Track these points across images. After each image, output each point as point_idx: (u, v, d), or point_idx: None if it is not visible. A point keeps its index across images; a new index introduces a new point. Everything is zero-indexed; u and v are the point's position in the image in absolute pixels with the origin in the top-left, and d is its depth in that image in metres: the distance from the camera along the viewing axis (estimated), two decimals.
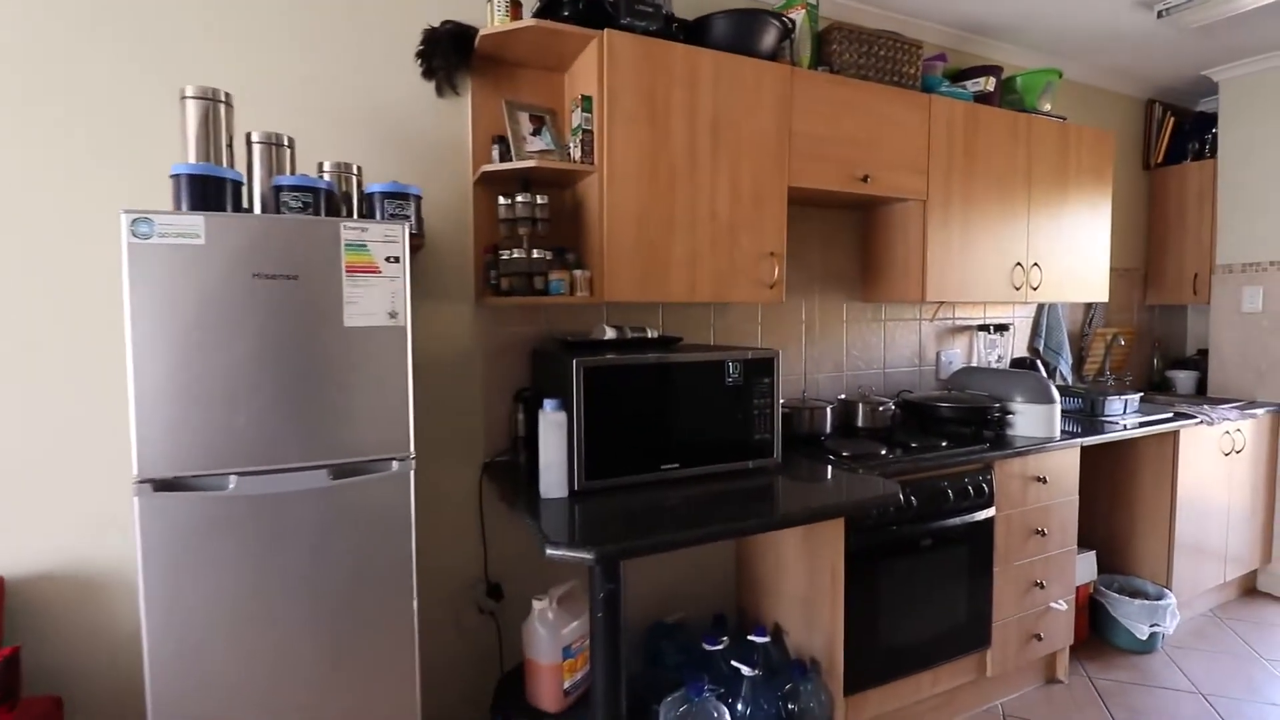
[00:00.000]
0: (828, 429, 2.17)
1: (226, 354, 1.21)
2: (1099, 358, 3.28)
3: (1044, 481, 2.17)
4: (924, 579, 1.96)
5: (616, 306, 2.12)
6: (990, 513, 2.05)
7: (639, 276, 1.78)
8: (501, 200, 1.77)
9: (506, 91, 1.91)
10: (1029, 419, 2.25)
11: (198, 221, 1.18)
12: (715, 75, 1.85)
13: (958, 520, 1.97)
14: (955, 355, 2.82)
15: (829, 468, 1.85)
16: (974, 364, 2.89)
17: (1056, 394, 2.25)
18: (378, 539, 1.33)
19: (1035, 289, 2.54)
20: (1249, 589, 3.07)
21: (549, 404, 1.55)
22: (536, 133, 1.83)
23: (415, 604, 1.38)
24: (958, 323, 2.85)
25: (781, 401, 2.24)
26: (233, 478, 1.22)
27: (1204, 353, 3.52)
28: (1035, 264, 2.53)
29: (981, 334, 2.87)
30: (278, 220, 1.24)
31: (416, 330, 1.86)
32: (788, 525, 1.44)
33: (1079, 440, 2.23)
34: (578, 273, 1.78)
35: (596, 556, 1.22)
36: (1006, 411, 2.26)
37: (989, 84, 2.43)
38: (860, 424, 2.27)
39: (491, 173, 1.77)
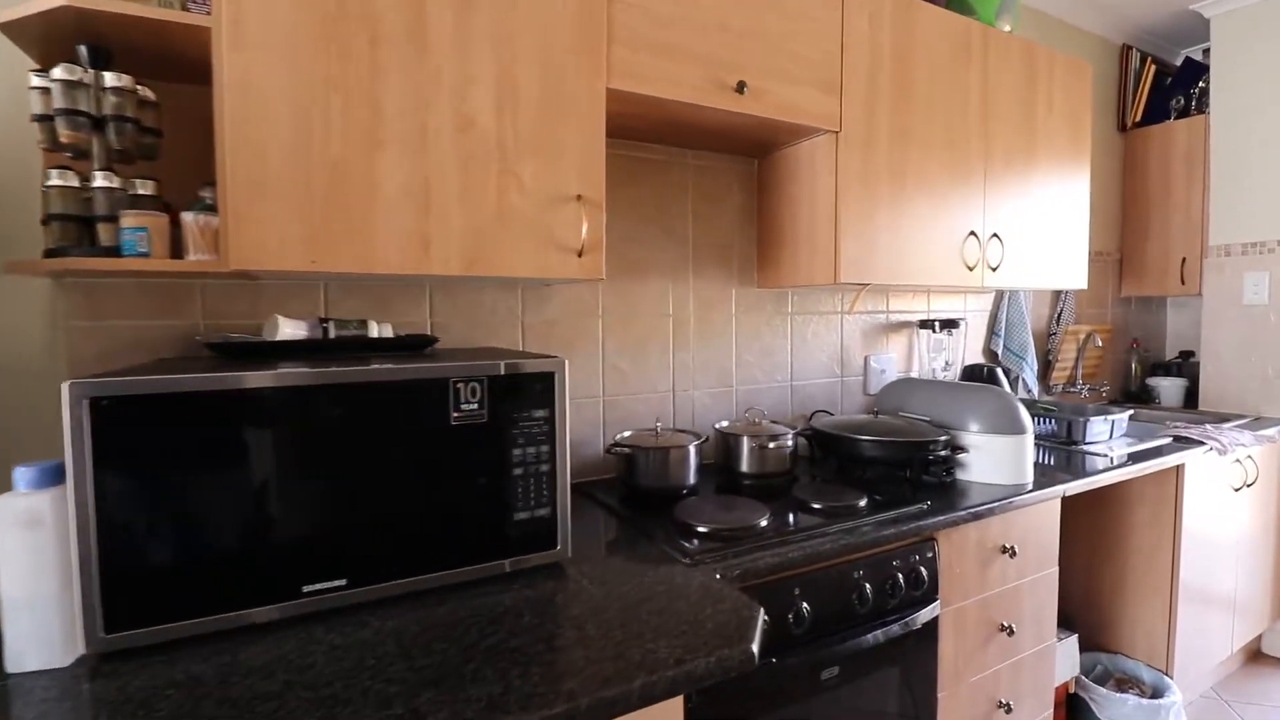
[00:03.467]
0: (690, 479, 1.40)
1: None
2: (1069, 362, 2.61)
3: (1012, 554, 1.44)
4: None
5: (362, 283, 1.30)
6: (933, 611, 1.30)
7: (306, 224, 0.97)
8: (33, 80, 0.94)
9: None
10: (990, 457, 1.52)
11: None
12: None
13: (880, 632, 1.22)
14: (890, 361, 2.10)
15: (671, 564, 1.08)
16: (914, 374, 2.18)
17: (1028, 421, 1.53)
18: None
19: (994, 269, 1.83)
20: (1254, 653, 2.44)
21: (20, 478, 0.73)
22: None
23: None
24: (893, 317, 2.13)
25: (627, 436, 1.47)
26: None
27: (1188, 355, 2.91)
28: (994, 235, 1.82)
29: (924, 332, 2.16)
30: None
31: None
32: None
33: (1061, 487, 1.51)
34: (191, 218, 0.97)
35: None
36: (957, 447, 1.53)
37: None
38: (745, 468, 1.51)
39: (9, 25, 0.94)
